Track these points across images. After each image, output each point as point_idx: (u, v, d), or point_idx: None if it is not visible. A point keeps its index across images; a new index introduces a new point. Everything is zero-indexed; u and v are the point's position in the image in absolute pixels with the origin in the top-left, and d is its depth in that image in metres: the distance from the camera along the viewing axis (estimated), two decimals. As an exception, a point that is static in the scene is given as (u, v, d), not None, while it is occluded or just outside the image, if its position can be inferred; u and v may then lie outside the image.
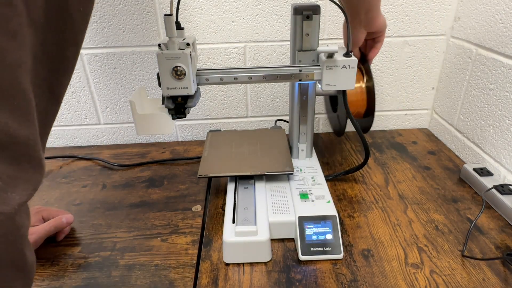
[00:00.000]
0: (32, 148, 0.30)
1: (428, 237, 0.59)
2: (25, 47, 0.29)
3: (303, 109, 0.69)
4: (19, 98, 0.28)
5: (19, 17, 0.28)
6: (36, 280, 0.54)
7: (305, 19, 0.59)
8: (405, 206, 0.67)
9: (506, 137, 0.69)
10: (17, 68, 0.28)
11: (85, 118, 0.93)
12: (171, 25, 0.50)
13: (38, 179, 0.32)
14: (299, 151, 0.73)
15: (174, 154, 0.89)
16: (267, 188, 0.65)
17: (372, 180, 0.75)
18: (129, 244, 0.60)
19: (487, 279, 0.51)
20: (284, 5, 0.82)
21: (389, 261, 0.55)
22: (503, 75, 0.69)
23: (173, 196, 0.72)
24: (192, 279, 0.53)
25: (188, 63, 0.51)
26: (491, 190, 0.65)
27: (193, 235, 0.62)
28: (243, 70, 0.58)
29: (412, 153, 0.85)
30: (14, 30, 0.27)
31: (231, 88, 0.91)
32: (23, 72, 0.29)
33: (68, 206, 0.70)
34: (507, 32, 0.67)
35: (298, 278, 0.53)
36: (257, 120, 0.96)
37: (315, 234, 0.56)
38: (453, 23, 0.85)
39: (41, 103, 0.33)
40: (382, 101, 0.95)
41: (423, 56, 0.89)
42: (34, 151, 0.30)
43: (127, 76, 0.88)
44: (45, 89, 0.33)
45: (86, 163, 0.86)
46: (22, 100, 0.29)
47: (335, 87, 0.58)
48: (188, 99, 0.56)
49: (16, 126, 0.28)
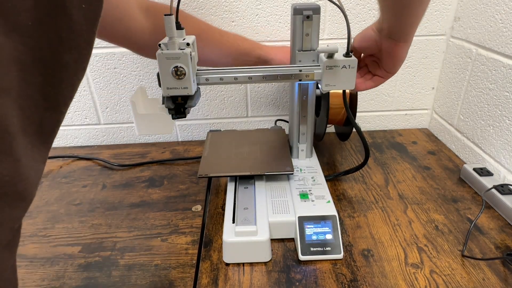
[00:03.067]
0: (8, 183, 0.27)
1: (428, 237, 0.59)
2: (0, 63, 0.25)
3: (303, 109, 0.69)
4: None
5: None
6: (36, 280, 0.54)
7: (305, 19, 0.59)
8: (405, 206, 0.67)
9: (506, 137, 0.69)
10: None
11: (85, 118, 0.93)
12: (171, 25, 0.50)
13: (17, 214, 0.29)
14: (299, 151, 0.73)
15: (174, 154, 0.89)
16: (267, 188, 0.65)
17: (372, 180, 0.75)
18: (129, 244, 0.60)
19: (487, 279, 0.51)
20: (284, 5, 0.82)
21: (389, 261, 0.55)
22: (503, 75, 0.69)
23: (173, 196, 0.72)
24: (192, 279, 0.53)
25: (188, 63, 0.51)
26: (491, 190, 0.65)
27: (193, 235, 0.62)
28: (243, 70, 0.58)
29: (412, 153, 0.85)
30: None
31: (231, 88, 0.91)
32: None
33: (68, 206, 0.70)
34: (507, 32, 0.67)
35: (298, 278, 0.53)
36: (257, 120, 0.96)
37: (315, 234, 0.56)
38: (453, 23, 0.85)
39: (34, 114, 0.29)
40: (382, 101, 0.95)
41: (423, 56, 0.89)
42: (11, 185, 0.27)
43: (127, 76, 0.88)
44: (38, 98, 0.29)
45: (86, 163, 0.86)
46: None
47: (335, 87, 0.58)
48: (188, 99, 0.56)
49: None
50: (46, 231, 0.64)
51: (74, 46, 0.30)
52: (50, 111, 0.31)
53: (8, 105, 0.26)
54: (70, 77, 0.31)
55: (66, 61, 0.30)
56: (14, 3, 0.26)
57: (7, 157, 0.26)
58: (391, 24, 0.51)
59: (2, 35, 0.25)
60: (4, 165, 0.26)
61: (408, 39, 0.53)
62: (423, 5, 0.48)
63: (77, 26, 0.29)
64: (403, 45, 0.54)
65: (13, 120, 0.27)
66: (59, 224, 0.66)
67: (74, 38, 0.30)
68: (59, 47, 0.29)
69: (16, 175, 0.27)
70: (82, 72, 0.32)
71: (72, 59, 0.30)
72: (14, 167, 0.27)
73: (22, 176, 0.28)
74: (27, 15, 0.26)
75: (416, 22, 0.51)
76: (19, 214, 0.29)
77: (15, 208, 0.28)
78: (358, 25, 0.85)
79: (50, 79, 0.29)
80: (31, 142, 0.29)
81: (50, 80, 0.29)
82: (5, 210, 0.27)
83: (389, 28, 0.52)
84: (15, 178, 0.27)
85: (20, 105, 0.28)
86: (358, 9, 0.84)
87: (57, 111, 0.31)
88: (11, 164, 0.27)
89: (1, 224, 0.27)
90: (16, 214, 0.29)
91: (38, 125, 0.30)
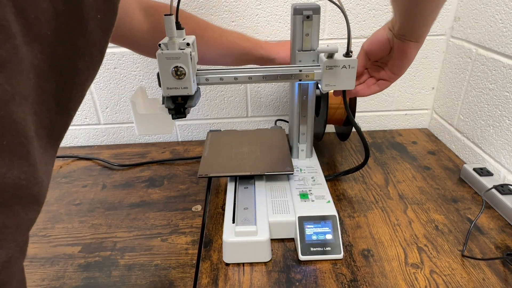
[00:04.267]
0: (25, 187, 0.27)
1: (428, 237, 0.59)
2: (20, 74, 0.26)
3: (303, 109, 0.69)
4: (9, 136, 0.26)
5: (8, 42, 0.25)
6: (36, 280, 0.54)
7: (305, 19, 0.59)
8: (405, 206, 0.67)
9: (506, 137, 0.69)
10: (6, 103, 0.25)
11: (85, 118, 0.93)
12: (171, 25, 0.50)
13: (31, 217, 0.29)
14: (299, 151, 0.73)
15: (174, 154, 0.89)
16: (267, 188, 0.65)
17: (372, 180, 0.75)
18: (129, 244, 0.60)
19: (487, 279, 0.51)
20: (284, 5, 0.82)
21: (389, 261, 0.55)
22: (503, 75, 0.69)
23: (173, 196, 0.72)
24: (192, 279, 0.53)
25: (188, 63, 0.51)
26: (491, 190, 0.65)
27: (193, 235, 0.62)
28: (243, 70, 0.58)
29: (412, 153, 0.85)
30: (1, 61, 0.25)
31: (231, 88, 0.91)
32: (15, 105, 0.26)
33: (68, 206, 0.70)
34: (507, 32, 0.67)
35: (298, 278, 0.53)
36: (257, 120, 0.96)
37: (315, 234, 0.56)
38: (453, 23, 0.85)
39: (46, 118, 0.30)
40: (382, 101, 0.95)
41: (423, 56, 0.89)
42: (27, 189, 0.28)
43: (127, 76, 0.88)
44: (51, 103, 0.30)
45: (86, 163, 0.86)
46: (13, 137, 0.26)
47: (335, 87, 0.58)
48: (188, 99, 0.56)
49: (4, 171, 0.25)
50: (46, 231, 0.64)
51: (88, 54, 0.31)
52: (60, 115, 0.32)
53: (26, 111, 0.27)
54: (82, 83, 0.32)
55: (80, 68, 0.31)
56: (37, 14, 0.27)
57: (24, 161, 0.27)
58: (403, 22, 0.52)
59: (25, 45, 0.26)
60: (22, 169, 0.27)
61: (420, 39, 0.54)
62: (436, 2, 0.48)
63: (91, 35, 0.31)
64: (415, 45, 0.54)
65: (30, 125, 0.28)
66: (59, 224, 0.66)
67: (88, 47, 0.31)
68: (74, 55, 0.30)
69: (32, 178, 0.28)
70: (93, 78, 0.33)
71: (85, 66, 0.31)
72: (31, 171, 0.28)
73: (37, 180, 0.29)
74: (47, 25, 0.27)
75: (429, 21, 0.51)
76: (33, 216, 0.30)
77: (30, 211, 0.29)
78: (358, 25, 0.85)
79: (64, 85, 0.30)
80: (43, 146, 0.30)
81: (63, 86, 0.30)
82: (20, 214, 0.28)
83: (401, 26, 0.52)
84: (31, 182, 0.28)
85: (35, 110, 0.28)
86: (358, 9, 0.84)
87: (67, 115, 0.32)
88: (28, 168, 0.28)
89: (18, 226, 0.28)
90: (31, 217, 0.29)
91: (50, 129, 0.31)
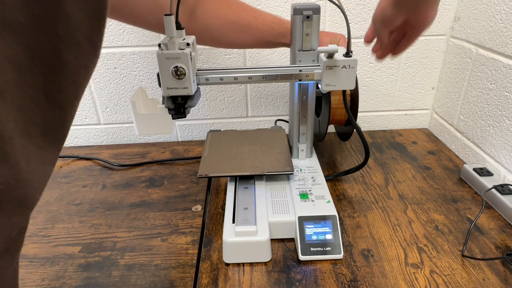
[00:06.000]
0: (4, 191, 0.26)
1: (428, 237, 0.59)
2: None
3: (303, 109, 0.69)
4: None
5: None
6: (36, 280, 0.54)
7: (305, 19, 0.59)
8: (405, 206, 0.67)
9: (506, 137, 0.69)
10: None
11: (85, 118, 0.93)
12: (171, 25, 0.50)
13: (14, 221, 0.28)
14: (299, 151, 0.73)
15: (174, 154, 0.89)
16: (267, 188, 0.65)
17: (372, 180, 0.75)
18: (129, 244, 0.60)
19: (487, 279, 0.51)
20: (284, 5, 0.82)
21: (389, 261, 0.55)
22: (503, 75, 0.69)
23: (173, 196, 0.72)
24: (192, 279, 0.53)
25: (188, 63, 0.51)
26: (491, 190, 0.65)
27: (193, 235, 0.62)
28: (243, 70, 0.58)
29: (412, 153, 0.85)
30: None
31: (231, 88, 0.91)
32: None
33: (68, 206, 0.70)
34: (507, 32, 0.67)
35: (298, 278, 0.53)
36: (257, 120, 0.96)
37: (315, 234, 0.56)
38: (453, 23, 0.85)
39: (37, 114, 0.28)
40: (382, 101, 0.95)
41: (423, 56, 0.89)
42: (7, 193, 0.26)
43: (127, 76, 0.88)
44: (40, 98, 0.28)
45: (86, 163, 0.86)
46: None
47: (335, 87, 0.58)
48: (188, 99, 0.56)
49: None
50: (46, 231, 0.64)
51: (73, 42, 0.28)
52: (54, 111, 0.30)
53: (2, 109, 0.25)
54: (71, 74, 0.30)
55: (67, 58, 0.29)
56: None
57: (5, 162, 0.25)
58: None
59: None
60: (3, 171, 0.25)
61: None
62: None
63: (73, 21, 0.28)
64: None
65: (9, 124, 0.26)
66: (59, 224, 0.66)
67: (72, 35, 0.28)
68: (58, 44, 0.27)
69: (14, 181, 0.26)
70: (85, 70, 0.31)
71: (72, 56, 0.29)
72: (11, 174, 0.26)
73: (21, 182, 0.27)
74: (16, 11, 0.25)
75: None
76: (18, 220, 0.28)
77: (14, 215, 0.27)
78: (358, 25, 0.85)
79: (52, 78, 0.28)
80: (37, 144, 0.28)
81: (51, 79, 0.28)
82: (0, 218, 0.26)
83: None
84: (13, 185, 0.26)
85: (20, 107, 0.26)
86: (358, 9, 0.84)
87: (62, 111, 0.30)
88: (7, 171, 0.26)
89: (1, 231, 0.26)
90: (14, 221, 0.28)
91: (43, 126, 0.29)
